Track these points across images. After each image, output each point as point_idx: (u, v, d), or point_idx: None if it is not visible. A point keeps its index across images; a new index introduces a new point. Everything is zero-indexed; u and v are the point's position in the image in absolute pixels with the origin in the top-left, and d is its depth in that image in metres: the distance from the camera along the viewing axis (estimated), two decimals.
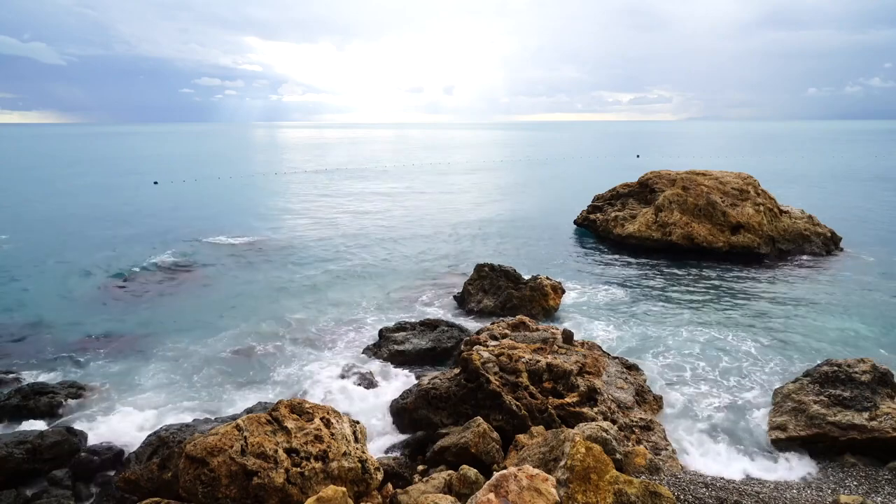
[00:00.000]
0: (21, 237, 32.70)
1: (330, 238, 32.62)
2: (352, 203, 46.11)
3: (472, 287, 20.69)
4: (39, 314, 19.94)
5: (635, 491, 7.44)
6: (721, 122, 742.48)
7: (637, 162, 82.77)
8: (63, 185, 59.82)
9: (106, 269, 25.61)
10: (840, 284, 22.48)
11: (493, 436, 10.43)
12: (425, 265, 26.49)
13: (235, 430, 8.55)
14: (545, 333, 14.38)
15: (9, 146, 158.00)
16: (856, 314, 19.12)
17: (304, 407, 9.38)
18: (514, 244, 30.81)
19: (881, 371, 11.97)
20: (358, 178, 66.15)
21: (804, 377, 12.59)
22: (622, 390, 12.62)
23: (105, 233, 33.98)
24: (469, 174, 70.79)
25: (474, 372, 11.98)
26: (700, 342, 17.00)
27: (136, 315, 19.89)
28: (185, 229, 34.74)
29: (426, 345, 16.20)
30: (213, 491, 8.03)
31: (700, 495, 8.57)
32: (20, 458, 10.70)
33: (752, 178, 30.40)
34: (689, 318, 19.00)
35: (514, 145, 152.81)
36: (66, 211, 42.20)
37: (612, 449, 9.21)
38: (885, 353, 15.98)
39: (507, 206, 43.68)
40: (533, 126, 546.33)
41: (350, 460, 8.69)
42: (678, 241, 27.67)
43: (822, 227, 28.74)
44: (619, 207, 32.29)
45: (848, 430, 10.98)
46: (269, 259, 27.74)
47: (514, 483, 7.03)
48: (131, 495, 9.51)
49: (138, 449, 10.56)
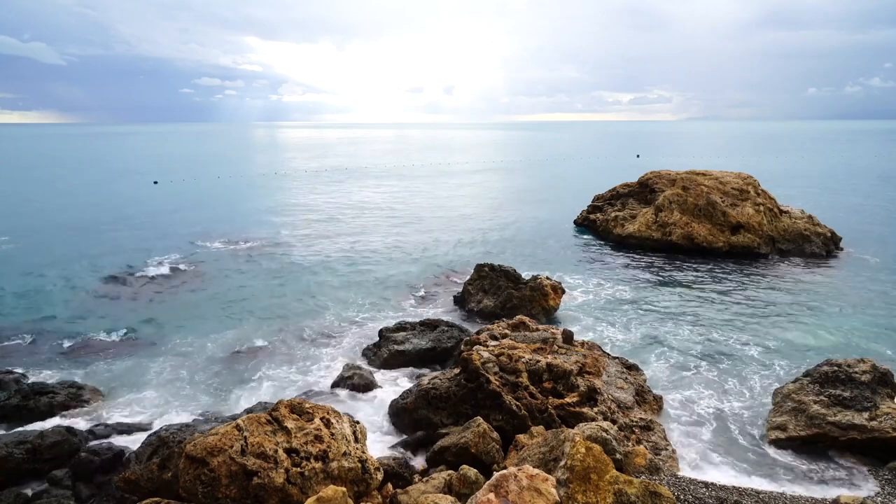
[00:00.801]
0: (21, 237, 32.70)
1: (330, 238, 32.62)
2: (352, 203, 46.11)
3: (472, 287, 20.69)
4: (39, 314, 19.95)
5: (635, 491, 7.44)
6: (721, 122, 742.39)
7: (637, 162, 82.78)
8: (63, 185, 59.83)
9: (106, 269, 25.61)
10: (840, 284, 22.48)
11: (493, 436, 10.43)
12: (425, 265, 26.49)
13: (235, 430, 8.55)
14: (545, 333, 14.37)
15: (9, 146, 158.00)
16: (856, 314, 19.13)
17: (304, 407, 9.38)
18: (514, 244, 30.80)
19: (881, 371, 11.96)
20: (358, 178, 66.16)
21: (804, 377, 12.58)
22: (622, 390, 12.61)
23: (105, 233, 33.98)
24: (469, 174, 70.79)
25: (474, 372, 11.97)
26: (700, 342, 17.00)
27: (137, 315, 19.89)
28: (184, 229, 34.75)
29: (426, 345, 16.19)
30: (213, 491, 8.02)
31: (700, 495, 8.57)
32: (20, 458, 10.70)
33: (752, 178, 30.41)
34: (689, 318, 19.00)
35: (514, 145, 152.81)
36: (66, 211, 42.20)
37: (612, 449, 9.20)
38: (885, 353, 15.98)
39: (508, 207, 43.68)
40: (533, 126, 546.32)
41: (350, 460, 8.69)
42: (678, 241, 27.67)
43: (822, 227, 28.73)
44: (619, 207, 32.30)
45: (848, 430, 10.97)
46: (269, 259, 27.73)
47: (514, 483, 7.03)
48: (131, 495, 9.51)
49: (138, 449, 10.55)
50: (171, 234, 33.46)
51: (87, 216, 39.78)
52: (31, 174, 73.15)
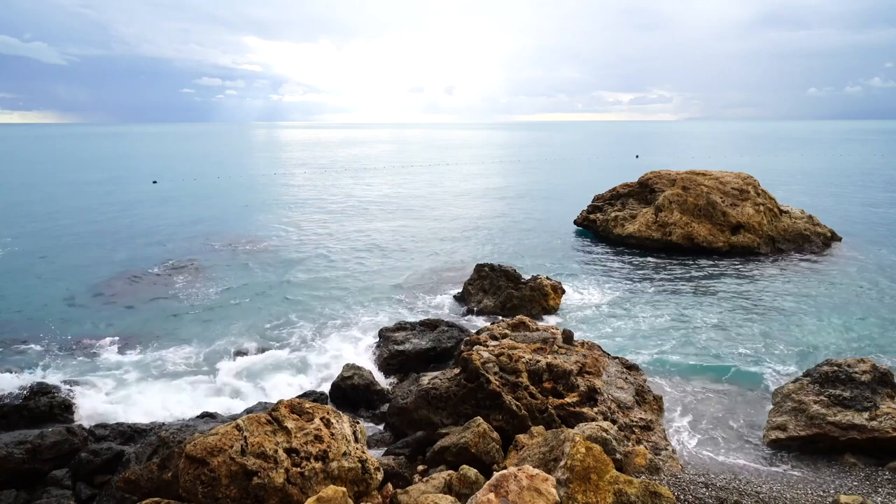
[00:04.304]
0: (21, 237, 32.69)
1: (330, 238, 32.62)
2: (351, 203, 46.10)
3: (472, 287, 20.69)
4: (39, 314, 19.95)
5: (635, 491, 7.44)
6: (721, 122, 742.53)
7: (637, 162, 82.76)
8: (63, 184, 59.80)
9: (105, 269, 25.62)
10: (840, 284, 22.48)
11: (493, 436, 10.42)
12: (425, 265, 26.49)
13: (235, 430, 8.54)
14: (545, 333, 14.36)
15: (9, 146, 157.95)
16: (856, 314, 19.12)
17: (303, 407, 9.37)
18: (514, 244, 30.80)
19: (881, 371, 11.96)
20: (358, 177, 66.14)
21: (804, 377, 12.58)
22: (622, 390, 12.61)
23: (105, 233, 33.98)
24: (469, 174, 70.79)
25: (474, 372, 11.97)
26: (700, 342, 17.00)
27: (136, 315, 19.89)
28: (184, 229, 34.74)
29: (426, 345, 16.20)
30: (213, 491, 8.02)
31: (700, 495, 8.56)
32: (20, 458, 10.70)
33: (752, 178, 30.40)
34: (689, 318, 18.99)
35: (514, 145, 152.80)
36: (66, 211, 42.19)
37: (612, 449, 9.20)
38: (885, 353, 15.98)
39: (508, 207, 43.68)
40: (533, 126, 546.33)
41: (350, 460, 8.69)
42: (678, 241, 27.67)
43: (822, 227, 28.73)
44: (619, 207, 32.29)
45: (848, 430, 10.97)
46: (269, 259, 27.74)
47: (514, 483, 7.03)
48: (131, 495, 9.50)
49: (138, 449, 10.55)
50: (170, 233, 33.45)
51: (86, 216, 39.78)
52: (31, 174, 73.13)
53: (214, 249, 29.64)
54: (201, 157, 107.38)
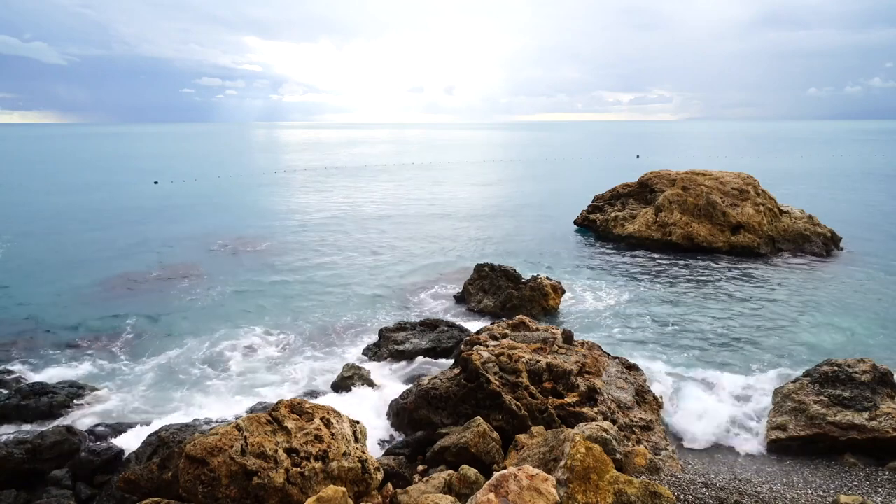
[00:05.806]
0: (21, 237, 32.70)
1: (330, 237, 32.62)
2: (351, 202, 46.10)
3: (472, 287, 20.69)
4: (39, 314, 19.94)
5: (635, 491, 7.44)
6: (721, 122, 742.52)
7: (637, 162, 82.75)
8: (63, 184, 59.81)
9: (105, 269, 25.61)
10: (840, 284, 22.48)
11: (493, 436, 10.43)
12: (425, 265, 26.49)
13: (235, 430, 8.55)
14: (545, 333, 14.36)
15: (9, 146, 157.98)
16: (856, 314, 19.12)
17: (303, 407, 9.37)
18: (514, 244, 30.79)
19: (881, 371, 11.96)
20: (358, 177, 66.15)
21: (804, 377, 12.58)
22: (622, 390, 12.61)
23: (105, 232, 33.98)
24: (469, 174, 70.79)
25: (474, 372, 11.97)
26: (700, 342, 17.01)
27: (136, 315, 19.88)
28: (184, 229, 34.75)
29: (426, 345, 16.20)
30: (213, 491, 8.02)
31: (700, 495, 8.56)
32: (20, 458, 10.70)
33: (752, 178, 30.41)
34: (689, 318, 18.99)
35: (514, 145, 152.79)
36: (66, 211, 42.20)
37: (612, 449, 9.20)
38: (885, 353, 15.97)
39: (508, 206, 43.68)
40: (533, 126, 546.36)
41: (350, 460, 8.69)
42: (678, 241, 27.68)
43: (823, 227, 28.73)
44: (619, 207, 32.30)
45: (848, 430, 10.97)
46: (269, 259, 27.73)
47: (514, 483, 7.03)
48: (131, 495, 9.50)
49: (138, 449, 10.56)
50: (171, 234, 33.45)
51: (86, 216, 39.78)
52: (31, 174, 73.14)
53: (215, 249, 29.64)
54: (202, 157, 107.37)
